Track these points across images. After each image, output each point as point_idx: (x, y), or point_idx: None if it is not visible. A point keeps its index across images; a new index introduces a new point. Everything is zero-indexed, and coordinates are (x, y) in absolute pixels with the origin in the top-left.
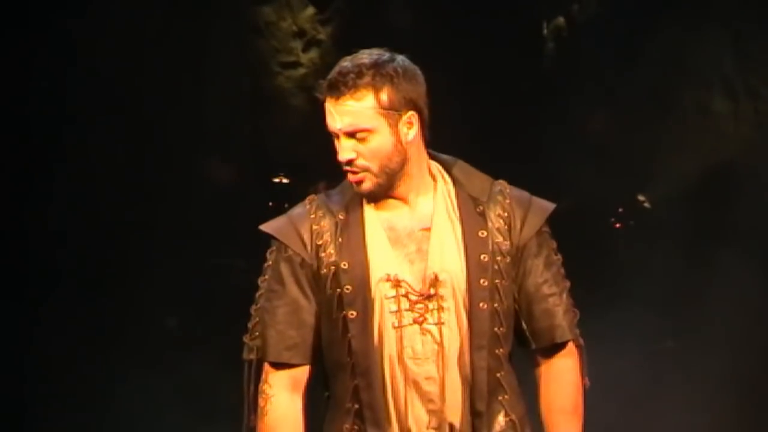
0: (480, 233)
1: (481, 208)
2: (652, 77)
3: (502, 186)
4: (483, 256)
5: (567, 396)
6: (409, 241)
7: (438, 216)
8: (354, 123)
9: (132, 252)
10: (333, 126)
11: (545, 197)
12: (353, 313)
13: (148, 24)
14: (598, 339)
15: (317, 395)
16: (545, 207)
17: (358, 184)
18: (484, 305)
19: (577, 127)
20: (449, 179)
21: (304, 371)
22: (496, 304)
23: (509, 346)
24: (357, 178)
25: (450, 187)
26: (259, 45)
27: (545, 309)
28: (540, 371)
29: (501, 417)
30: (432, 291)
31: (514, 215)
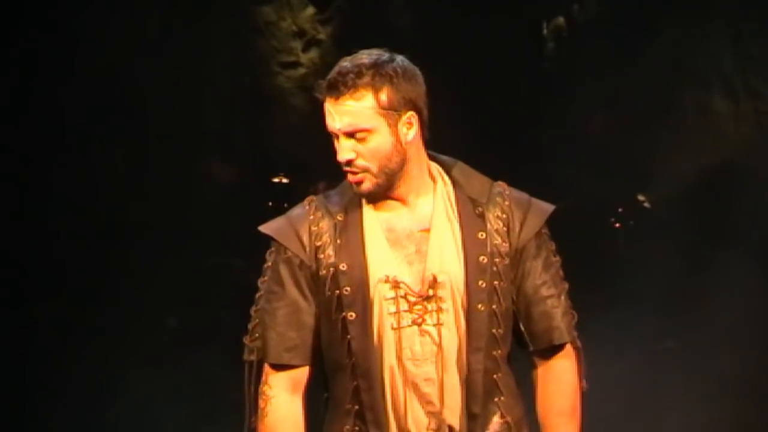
0: (479, 235)
1: (481, 209)
2: (652, 77)
3: (501, 188)
4: (482, 257)
5: (565, 398)
6: (408, 243)
7: (437, 217)
8: (353, 123)
9: (132, 252)
10: (332, 126)
11: (545, 197)
12: (352, 315)
13: (148, 24)
14: (598, 339)
15: (316, 396)
16: (544, 209)
17: (357, 184)
18: (482, 307)
19: (577, 127)
20: (449, 180)
21: (304, 372)
22: (494, 305)
23: (507, 347)
24: (357, 178)
25: (449, 189)
26: (259, 45)
27: (543, 311)
28: (538, 373)
29: (496, 419)
30: (431, 292)
31: (513, 217)
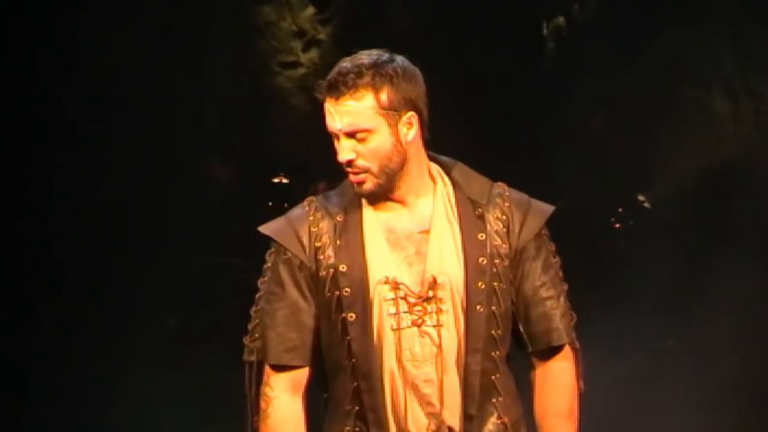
0: (479, 236)
1: (480, 210)
2: (652, 77)
3: (501, 189)
4: (481, 259)
5: (562, 399)
6: (408, 244)
7: (437, 218)
8: (354, 123)
9: (132, 252)
10: (333, 126)
11: (545, 197)
12: (352, 316)
13: (148, 24)
14: (598, 339)
15: (316, 396)
16: (544, 210)
17: (359, 184)
18: (481, 308)
19: (577, 127)
20: (449, 181)
21: (304, 373)
22: (493, 306)
23: (506, 348)
24: (358, 178)
25: (449, 190)
26: (259, 45)
27: (542, 312)
28: (536, 374)
29: (493, 419)
30: (430, 293)
31: (512, 218)
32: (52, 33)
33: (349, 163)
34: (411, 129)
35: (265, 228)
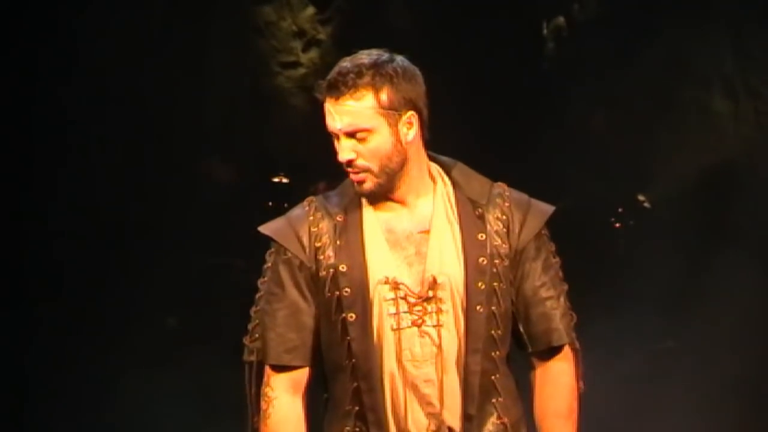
0: (479, 236)
1: (480, 210)
2: (652, 77)
3: (501, 189)
4: (481, 259)
5: (562, 400)
6: (408, 244)
7: (437, 218)
8: (354, 123)
9: (132, 252)
10: (333, 126)
11: (545, 197)
12: (352, 316)
13: (148, 24)
14: (598, 339)
15: (316, 396)
16: (544, 210)
17: (359, 183)
18: (481, 308)
19: (577, 127)
20: (449, 181)
21: (304, 373)
22: (493, 307)
23: (506, 348)
24: (358, 178)
25: (449, 190)
26: (259, 45)
27: (542, 312)
28: (536, 374)
29: (493, 420)
30: (430, 293)
31: (512, 218)
32: (52, 33)
33: (350, 163)
34: (411, 129)
35: (265, 228)
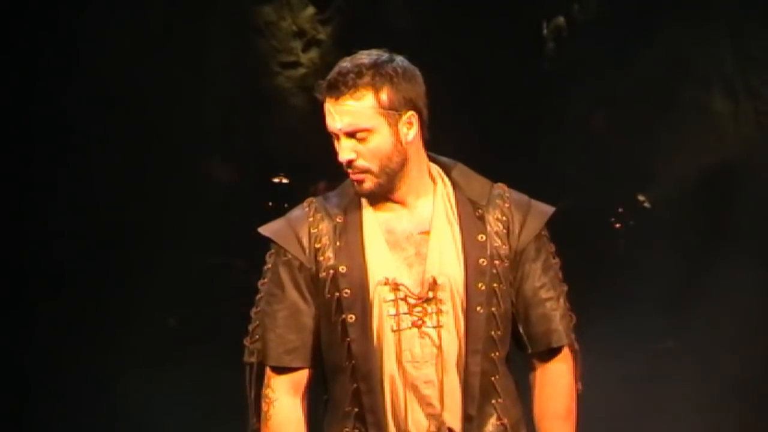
0: (479, 237)
1: (480, 211)
2: (652, 77)
3: (501, 189)
4: (481, 260)
5: (560, 401)
6: (408, 245)
7: (437, 219)
8: (354, 123)
9: (132, 252)
10: (333, 126)
11: (545, 197)
12: (352, 317)
13: (148, 24)
14: (597, 339)
15: (316, 397)
16: (544, 211)
17: (359, 184)
18: (481, 309)
19: (577, 127)
20: (449, 182)
21: (304, 374)
22: (493, 308)
23: (506, 349)
24: (358, 178)
25: (449, 190)
26: (259, 45)
27: (542, 313)
28: (535, 375)
29: (493, 421)
30: (430, 294)
31: (513, 219)
32: (52, 33)
33: (350, 164)
34: (411, 129)
35: (265, 229)
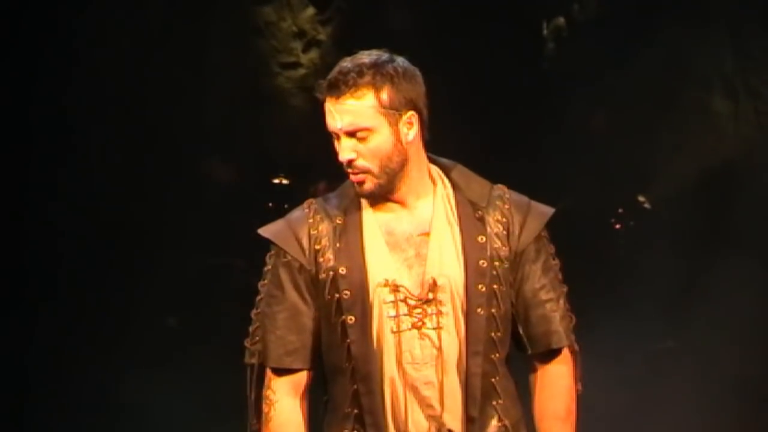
0: (479, 238)
1: (480, 213)
2: (652, 77)
3: (501, 191)
4: (481, 261)
5: (560, 402)
6: (408, 246)
7: (437, 220)
8: (354, 122)
9: (132, 252)
10: (333, 126)
11: (545, 198)
12: (352, 318)
13: (148, 24)
14: (598, 339)
15: (316, 398)
16: (544, 212)
17: (359, 184)
18: (481, 310)
19: (577, 128)
20: (448, 183)
21: (305, 376)
22: (493, 309)
23: (506, 350)
24: (358, 178)
25: (449, 191)
26: (259, 45)
27: (542, 314)
28: (535, 376)
29: (494, 422)
30: (430, 296)
31: (512, 220)
32: (52, 33)
33: (350, 163)
34: (411, 129)
35: (265, 230)
